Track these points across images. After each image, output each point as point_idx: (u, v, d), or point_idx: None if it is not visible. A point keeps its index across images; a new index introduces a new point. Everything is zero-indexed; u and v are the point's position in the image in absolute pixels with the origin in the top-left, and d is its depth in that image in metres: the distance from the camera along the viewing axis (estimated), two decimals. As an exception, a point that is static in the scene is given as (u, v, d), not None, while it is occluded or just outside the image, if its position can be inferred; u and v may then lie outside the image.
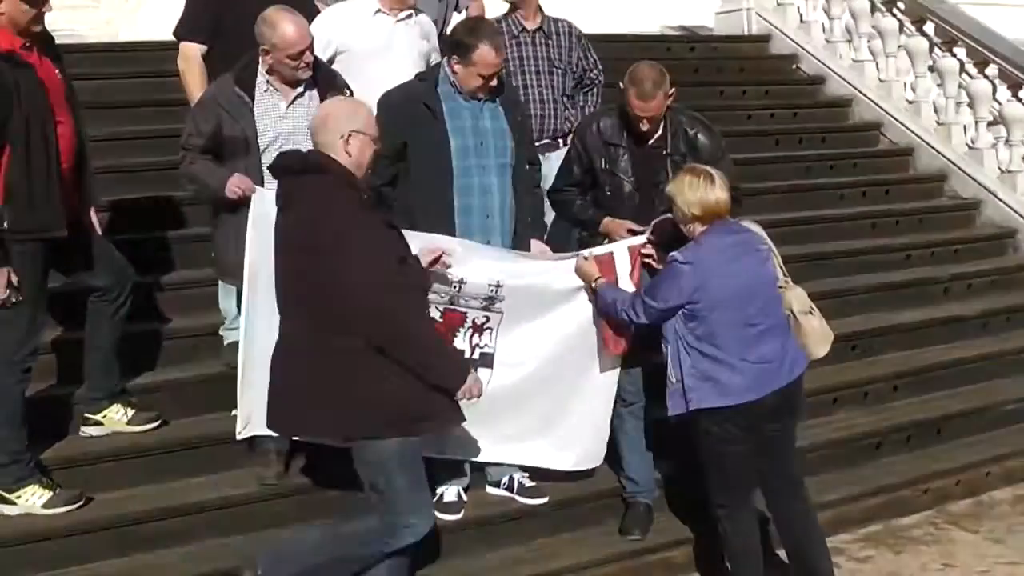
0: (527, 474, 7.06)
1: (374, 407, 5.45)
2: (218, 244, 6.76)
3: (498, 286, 6.45)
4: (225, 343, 7.39)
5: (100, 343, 6.80)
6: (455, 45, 6.62)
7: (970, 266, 10.75)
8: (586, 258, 6.57)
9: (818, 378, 8.54)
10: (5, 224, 6.20)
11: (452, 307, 6.46)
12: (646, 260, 6.62)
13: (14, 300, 6.24)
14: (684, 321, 6.14)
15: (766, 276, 6.34)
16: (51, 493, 6.37)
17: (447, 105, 6.60)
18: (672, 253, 6.19)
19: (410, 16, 7.46)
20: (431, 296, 6.24)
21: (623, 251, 6.63)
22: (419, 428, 5.58)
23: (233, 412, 6.49)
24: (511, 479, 7.02)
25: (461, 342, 6.51)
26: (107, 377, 6.87)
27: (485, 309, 6.51)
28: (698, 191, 6.14)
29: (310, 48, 6.51)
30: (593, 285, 6.51)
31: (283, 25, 6.41)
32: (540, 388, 6.74)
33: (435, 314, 6.39)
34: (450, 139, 6.56)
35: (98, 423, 6.88)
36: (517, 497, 7.00)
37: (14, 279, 6.22)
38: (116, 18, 12.65)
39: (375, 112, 6.24)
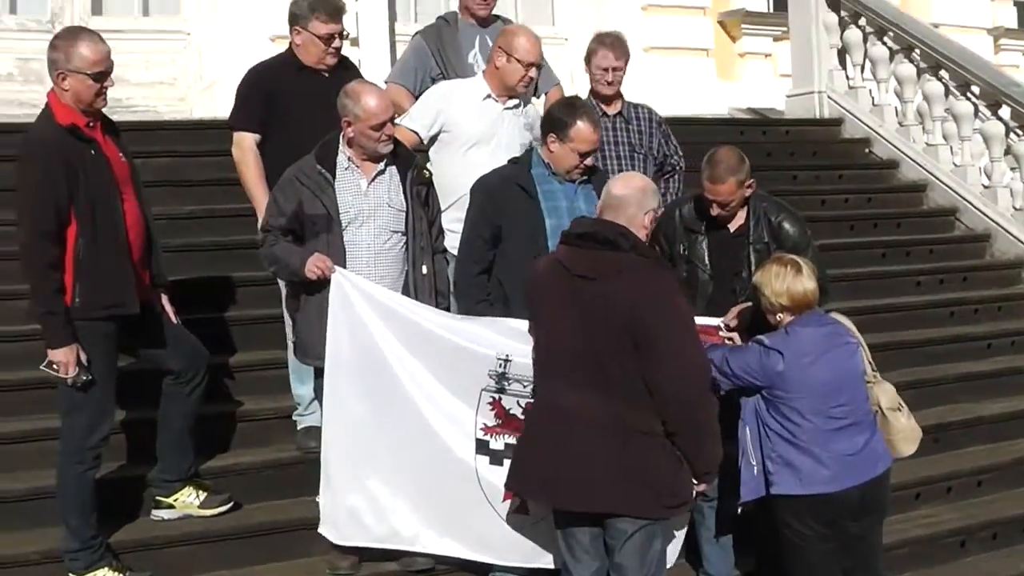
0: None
1: (670, 487, 5.69)
2: (299, 324, 6.71)
3: None
4: (299, 427, 7.31)
5: (173, 424, 6.76)
6: (552, 123, 6.65)
7: (1053, 357, 10.55)
8: None
9: (900, 472, 8.29)
10: (77, 301, 6.18)
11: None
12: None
13: (84, 378, 6.20)
14: (767, 405, 6.03)
15: (854, 370, 6.22)
16: None
17: (541, 187, 6.63)
18: (759, 336, 6.08)
19: (518, 105, 7.48)
20: (514, 387, 6.26)
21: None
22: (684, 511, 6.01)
23: (314, 499, 6.47)
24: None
25: None
26: (179, 459, 6.81)
27: None
28: (786, 281, 6.05)
29: (391, 120, 6.57)
30: None
31: (366, 97, 6.49)
32: None
33: (517, 410, 6.31)
34: (545, 219, 6.56)
35: (170, 506, 6.82)
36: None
37: (83, 358, 6.20)
38: (190, 95, 12.71)
39: (470, 196, 6.49)
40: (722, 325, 6.56)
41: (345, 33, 7.53)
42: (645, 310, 5.53)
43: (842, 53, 13.58)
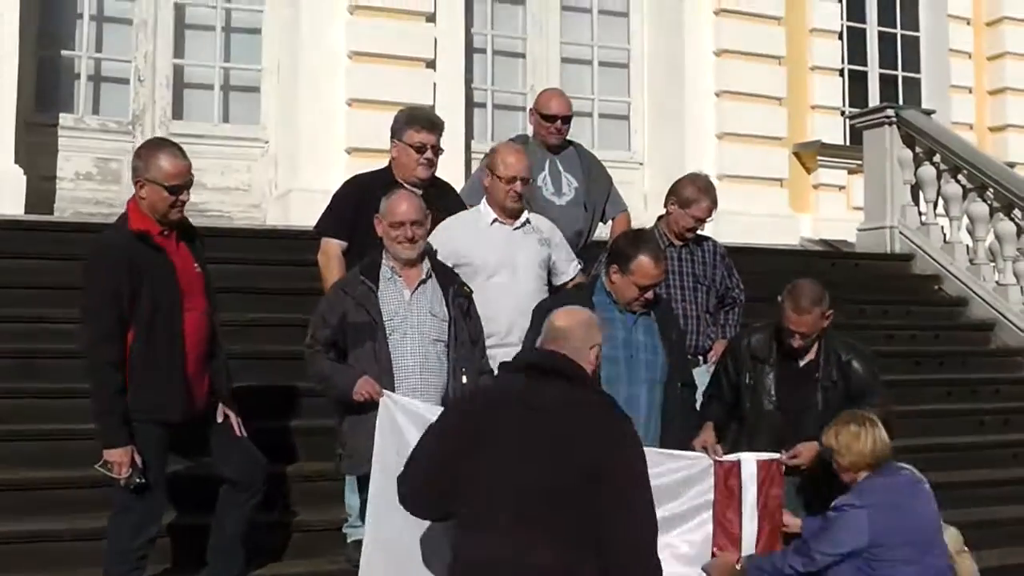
0: None
1: None
2: (345, 432, 6.75)
3: None
4: (349, 540, 7.31)
5: (225, 529, 6.75)
6: (615, 255, 6.71)
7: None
8: (715, 460, 6.51)
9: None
10: (128, 404, 6.28)
11: None
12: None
13: (137, 480, 6.25)
14: (859, 568, 5.95)
15: (934, 515, 6.18)
16: None
17: (601, 315, 6.52)
18: (839, 500, 6.05)
19: (527, 223, 7.52)
20: None
21: (751, 462, 6.54)
22: None
23: None
24: None
25: None
26: (229, 565, 6.80)
27: None
28: (867, 441, 6.06)
29: (413, 223, 6.66)
30: (737, 566, 6.37)
31: (391, 201, 6.70)
32: None
33: None
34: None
35: None
36: None
37: (139, 460, 6.26)
38: (264, 203, 12.90)
39: (532, 316, 6.56)
40: (783, 457, 6.54)
41: (440, 149, 7.68)
42: (611, 452, 4.98)
43: (915, 189, 13.63)
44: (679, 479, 6.49)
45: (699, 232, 8.19)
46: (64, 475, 7.61)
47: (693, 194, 8.02)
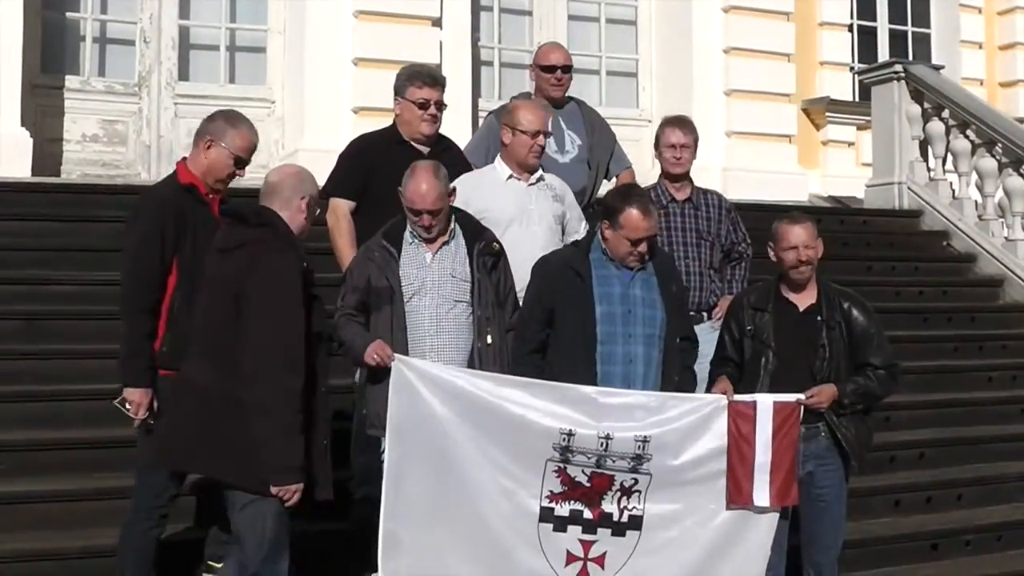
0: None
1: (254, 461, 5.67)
2: (365, 395, 6.74)
3: (645, 442, 6.38)
4: (358, 496, 7.33)
5: None
6: (606, 210, 6.67)
7: None
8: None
9: (959, 570, 8.33)
10: (164, 350, 6.35)
11: (599, 470, 6.38)
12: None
13: (152, 423, 6.34)
14: None
15: None
16: None
17: (597, 272, 6.63)
18: None
19: (541, 179, 7.51)
20: (578, 458, 6.31)
21: (767, 403, 6.51)
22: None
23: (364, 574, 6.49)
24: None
25: (609, 505, 6.42)
26: None
27: (633, 471, 6.40)
28: None
29: (430, 212, 6.58)
30: None
31: (409, 180, 6.61)
32: (693, 552, 6.55)
33: (582, 478, 6.37)
34: (595, 305, 6.56)
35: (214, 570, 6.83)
36: None
37: (155, 405, 6.35)
38: (271, 163, 12.71)
39: (530, 276, 6.58)
40: (802, 398, 6.54)
41: (443, 105, 7.65)
42: (251, 280, 5.70)
43: (924, 145, 13.58)
44: (694, 421, 6.48)
45: (701, 187, 8.19)
46: (67, 436, 7.65)
47: (661, 129, 8.07)
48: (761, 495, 6.47)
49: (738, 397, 6.55)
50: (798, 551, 6.80)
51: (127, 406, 6.35)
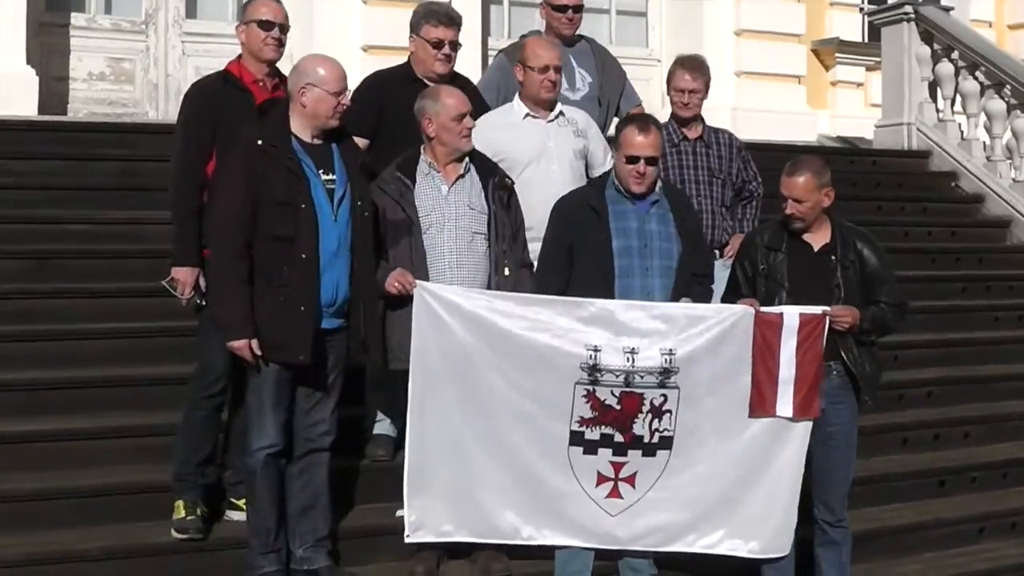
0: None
1: None
2: (387, 328, 6.70)
3: (671, 354, 6.46)
4: (372, 433, 7.36)
5: None
6: (613, 140, 6.73)
7: None
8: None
9: (964, 505, 8.38)
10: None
11: (629, 389, 6.45)
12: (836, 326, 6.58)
13: (198, 302, 6.58)
14: None
15: None
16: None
17: (613, 207, 6.69)
18: None
19: (561, 115, 7.52)
20: (607, 377, 6.38)
21: (793, 315, 6.56)
22: None
23: (398, 513, 6.57)
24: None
25: (640, 428, 6.50)
26: None
27: (661, 386, 6.48)
28: None
29: (471, 114, 6.74)
30: None
31: (444, 94, 6.73)
32: (723, 470, 6.65)
33: (612, 400, 6.44)
34: (612, 239, 6.61)
35: (240, 509, 6.84)
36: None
37: (202, 284, 6.54)
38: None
39: (549, 216, 6.68)
40: (828, 311, 6.58)
41: (458, 44, 7.65)
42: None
43: (933, 86, 13.57)
44: (720, 332, 6.54)
45: (712, 126, 8.19)
46: (81, 375, 7.69)
47: (673, 68, 8.04)
48: (784, 406, 6.56)
49: (765, 309, 6.60)
50: (808, 489, 6.81)
51: (174, 285, 6.55)
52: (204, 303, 6.56)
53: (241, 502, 6.76)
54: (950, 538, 8.16)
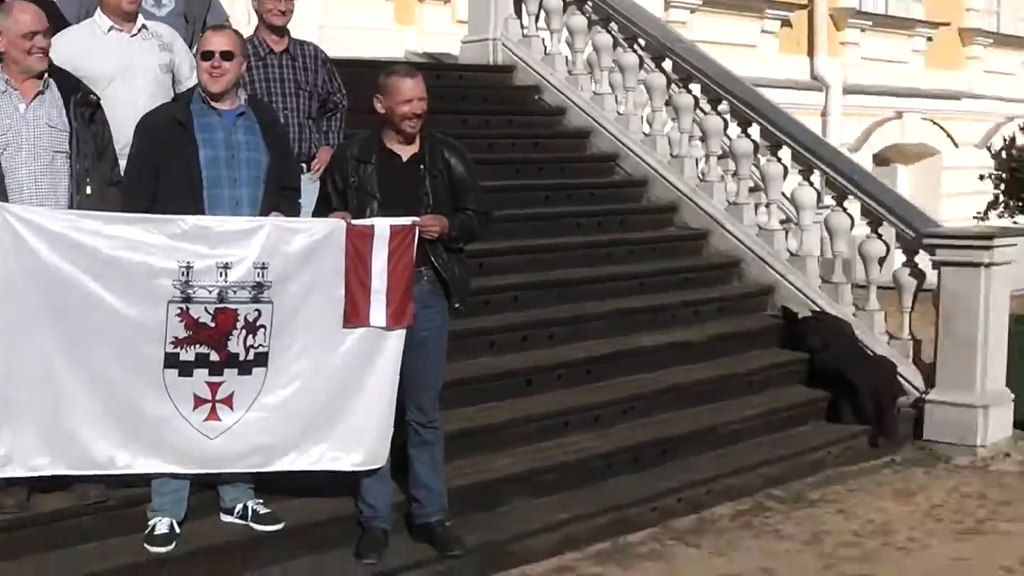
0: (261, 501, 6.96)
1: None
2: None
3: (263, 268, 6.47)
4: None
5: None
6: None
7: (698, 293, 11.15)
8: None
9: (551, 402, 8.81)
10: None
11: (223, 305, 6.42)
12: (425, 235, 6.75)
13: None
14: None
15: None
16: None
17: (198, 120, 6.70)
18: None
19: (144, 28, 7.49)
20: (200, 293, 6.35)
21: (384, 226, 6.69)
22: None
23: None
24: (245, 507, 6.91)
25: (235, 345, 6.50)
26: None
27: (255, 300, 6.48)
28: None
29: (44, 33, 6.54)
30: None
31: (16, 10, 6.49)
32: (320, 384, 6.72)
33: (206, 317, 6.42)
34: (199, 150, 6.63)
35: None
36: (252, 524, 6.89)
37: None
38: None
39: (132, 136, 6.64)
40: (417, 220, 6.75)
41: None
42: None
43: (518, 2, 13.87)
44: (311, 244, 6.59)
45: (298, 38, 8.31)
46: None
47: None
48: (378, 315, 6.69)
49: (357, 221, 6.70)
50: (401, 393, 6.97)
51: None
52: None
53: None
54: (539, 433, 8.52)
